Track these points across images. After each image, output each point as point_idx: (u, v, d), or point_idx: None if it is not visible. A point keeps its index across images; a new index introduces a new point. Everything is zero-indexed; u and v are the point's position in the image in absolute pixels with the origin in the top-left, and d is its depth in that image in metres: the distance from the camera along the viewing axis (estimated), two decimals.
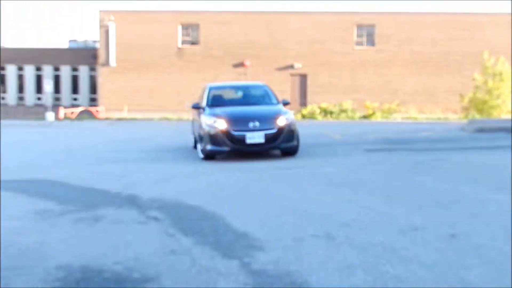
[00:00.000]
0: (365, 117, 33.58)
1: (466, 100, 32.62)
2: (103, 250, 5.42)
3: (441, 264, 4.88)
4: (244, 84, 17.04)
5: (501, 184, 8.45)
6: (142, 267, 4.91)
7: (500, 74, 31.17)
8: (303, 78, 41.14)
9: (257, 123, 11.45)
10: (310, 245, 5.48)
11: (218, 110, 12.53)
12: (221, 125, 11.57)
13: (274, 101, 13.76)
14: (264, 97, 14.02)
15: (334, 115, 33.80)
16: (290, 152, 12.52)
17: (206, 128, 11.83)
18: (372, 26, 41.18)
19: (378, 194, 7.95)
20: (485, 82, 31.58)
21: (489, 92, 31.26)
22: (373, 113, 33.89)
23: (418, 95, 39.58)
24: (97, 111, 39.10)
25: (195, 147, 14.15)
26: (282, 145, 11.99)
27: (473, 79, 32.64)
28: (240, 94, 14.23)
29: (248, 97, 14.13)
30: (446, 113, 34.64)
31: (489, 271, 4.67)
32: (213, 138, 11.51)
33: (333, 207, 7.19)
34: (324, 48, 40.72)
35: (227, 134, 11.45)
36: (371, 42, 41.42)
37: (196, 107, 13.22)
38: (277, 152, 13.46)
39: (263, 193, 8.20)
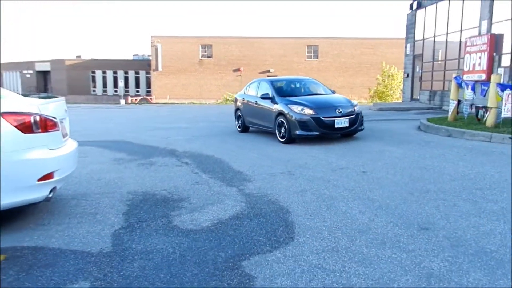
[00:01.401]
0: None
1: (372, 91, 32.59)
2: (155, 182, 5.45)
3: (356, 188, 4.96)
4: (296, 77, 12.02)
5: (392, 141, 8.53)
6: (179, 192, 4.95)
7: (392, 75, 31.19)
8: None
9: (341, 110, 8.63)
10: (279, 178, 5.54)
11: (294, 99, 9.09)
12: (310, 112, 8.46)
13: (329, 91, 10.48)
14: (319, 88, 10.56)
15: None
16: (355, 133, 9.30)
17: (293, 115, 8.49)
18: (316, 46, 40.88)
19: (318, 147, 8.00)
20: (383, 81, 31.58)
21: (385, 86, 31.30)
22: None
23: (344, 88, 39.29)
24: (150, 98, 38.75)
25: (239, 127, 10.98)
26: (358, 127, 9.00)
27: (376, 79, 32.57)
28: (299, 85, 10.60)
29: (308, 88, 10.52)
30: (360, 100, 34.50)
31: (385, 192, 4.76)
32: (303, 124, 8.41)
33: (292, 156, 7.22)
34: (287, 60, 40.48)
35: (317, 120, 8.41)
36: (316, 56, 41.09)
37: (266, 97, 9.46)
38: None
39: (250, 147, 8.21)
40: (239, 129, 11.00)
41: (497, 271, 2.75)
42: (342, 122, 8.56)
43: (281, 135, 8.88)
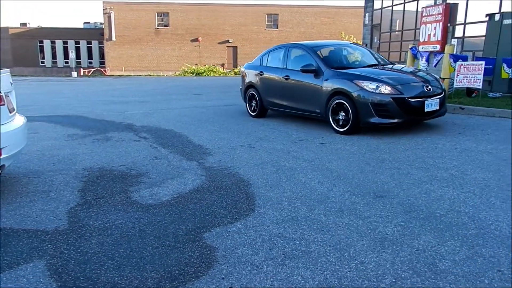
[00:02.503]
0: None
1: None
2: (112, 158, 5.35)
3: (315, 159, 5.09)
4: (335, 42, 8.66)
5: None
6: (137, 167, 4.90)
7: None
8: (235, 49, 40.34)
9: (430, 86, 6.34)
10: (239, 151, 5.58)
11: (358, 72, 6.59)
12: (389, 90, 6.07)
13: (386, 60, 7.93)
14: (374, 57, 7.80)
15: None
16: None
17: (364, 95, 6.10)
18: (276, 15, 40.55)
19: (278, 120, 8.08)
20: None
21: None
22: None
23: None
24: (104, 70, 37.34)
25: (252, 111, 8.51)
26: (444, 110, 6.69)
27: None
28: (348, 53, 7.74)
29: (364, 57, 7.68)
30: None
31: (343, 162, 4.92)
32: (381, 108, 6.04)
33: (253, 129, 7.26)
34: (247, 29, 40.00)
35: (401, 102, 6.03)
36: (276, 25, 40.81)
37: (308, 69, 6.87)
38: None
39: (211, 120, 8.17)
40: (252, 113, 8.50)
41: (445, 233, 2.95)
42: (433, 104, 6.28)
43: (340, 123, 6.49)
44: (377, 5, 19.59)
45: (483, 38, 10.51)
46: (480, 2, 12.94)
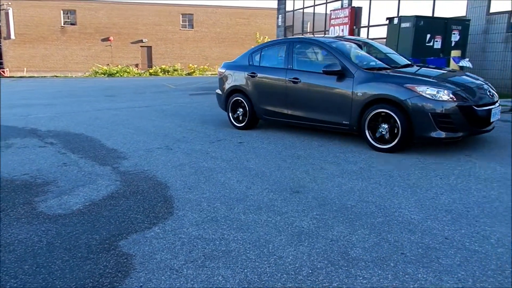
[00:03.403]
0: (189, 74, 32.92)
1: None
2: (13, 167, 4.91)
3: (234, 159, 5.13)
4: (355, 38, 7.20)
5: None
6: (43, 175, 4.55)
7: None
8: (149, 48, 39.18)
9: (492, 93, 5.33)
10: (156, 154, 5.45)
11: (404, 74, 5.37)
12: (451, 97, 4.84)
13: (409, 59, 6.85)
14: (401, 55, 6.75)
15: (170, 73, 32.66)
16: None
17: (421, 103, 4.83)
18: (191, 15, 40.17)
19: (197, 120, 8.03)
20: None
21: None
22: (194, 71, 33.33)
23: (220, 59, 39.78)
24: (3, 71, 34.02)
25: (238, 122, 7.02)
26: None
27: None
28: (375, 51, 6.53)
29: (391, 55, 6.54)
30: None
31: (261, 160, 5.02)
32: (444, 119, 4.81)
33: (170, 130, 7.13)
34: (161, 29, 39.08)
35: (467, 111, 4.89)
36: (191, 25, 40.42)
37: (334, 71, 5.48)
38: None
39: (125, 123, 7.86)
40: (238, 125, 7.01)
41: (356, 223, 3.15)
42: (496, 113, 5.25)
43: (381, 137, 5.23)
44: (289, 7, 20.30)
45: (385, 39, 11.38)
46: (381, 6, 13.99)
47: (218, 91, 7.61)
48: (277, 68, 6.42)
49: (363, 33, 14.40)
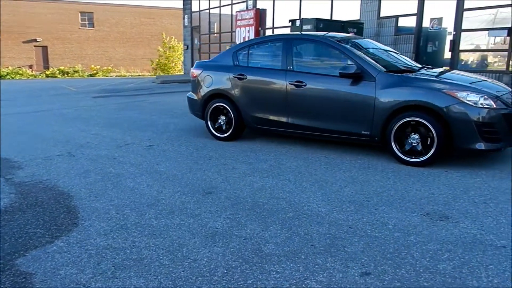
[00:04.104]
0: (91, 75, 31.07)
1: (154, 63, 32.44)
2: None
3: (143, 163, 4.97)
4: (355, 37, 6.41)
5: (175, 114, 8.81)
6: None
7: (173, 47, 31.69)
8: (45, 48, 36.30)
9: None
10: (56, 161, 5.06)
11: (440, 78, 4.84)
12: (492, 104, 4.36)
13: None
14: (399, 55, 6.04)
15: (70, 75, 30.54)
16: None
17: (465, 111, 4.30)
18: (91, 13, 38.01)
19: (102, 124, 7.63)
20: (165, 52, 31.80)
21: (167, 58, 31.61)
22: (97, 73, 31.53)
23: (125, 60, 38.53)
24: None
25: (220, 132, 6.12)
26: None
27: (158, 50, 32.60)
28: (384, 51, 5.91)
29: (393, 56, 5.84)
30: (143, 72, 34.07)
31: (172, 163, 4.92)
32: (489, 129, 4.33)
33: (72, 135, 6.68)
34: (58, 28, 36.43)
35: (510, 119, 4.44)
36: (91, 24, 38.24)
37: (352, 73, 4.81)
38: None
39: (19, 130, 7.19)
40: (220, 135, 6.13)
41: (268, 219, 3.24)
42: None
43: (412, 149, 4.65)
44: (195, 7, 20.18)
45: None
46: (284, 8, 14.54)
47: (192, 95, 6.57)
48: (273, 70, 5.60)
49: (269, 34, 14.84)
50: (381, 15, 11.25)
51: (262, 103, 5.68)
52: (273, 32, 14.70)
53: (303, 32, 6.27)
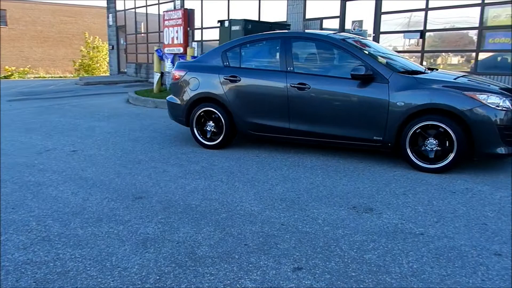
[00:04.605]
0: (5, 77, 28.78)
1: (77, 64, 30.77)
2: None
3: (67, 169, 4.69)
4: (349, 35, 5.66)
5: (102, 117, 8.44)
6: None
7: (97, 47, 30.28)
8: None
9: None
10: None
11: (458, 80, 4.71)
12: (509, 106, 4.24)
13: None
14: (400, 57, 5.73)
15: None
16: None
17: (489, 115, 4.14)
18: (4, 10, 35.14)
19: (19, 130, 7.09)
20: (88, 53, 30.29)
21: (91, 59, 30.14)
22: (12, 74, 29.26)
23: (44, 61, 36.12)
24: None
25: (208, 140, 5.60)
26: None
27: (81, 50, 30.97)
28: (388, 53, 5.60)
29: (399, 59, 5.48)
30: (65, 74, 32.19)
31: (99, 168, 4.70)
32: (510, 133, 4.18)
33: None
34: None
35: None
36: (4, 22, 35.36)
37: (363, 75, 4.48)
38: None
39: None
40: (208, 143, 5.62)
41: (201, 222, 3.21)
42: None
43: (428, 155, 4.42)
44: (120, 6, 19.47)
45: (218, 41, 11.84)
46: (212, 8, 14.51)
47: (173, 99, 5.90)
48: (271, 71, 5.17)
49: (197, 35, 14.72)
50: (307, 16, 11.62)
51: (259, 107, 5.20)
52: (202, 33, 14.61)
53: (305, 31, 6.08)
